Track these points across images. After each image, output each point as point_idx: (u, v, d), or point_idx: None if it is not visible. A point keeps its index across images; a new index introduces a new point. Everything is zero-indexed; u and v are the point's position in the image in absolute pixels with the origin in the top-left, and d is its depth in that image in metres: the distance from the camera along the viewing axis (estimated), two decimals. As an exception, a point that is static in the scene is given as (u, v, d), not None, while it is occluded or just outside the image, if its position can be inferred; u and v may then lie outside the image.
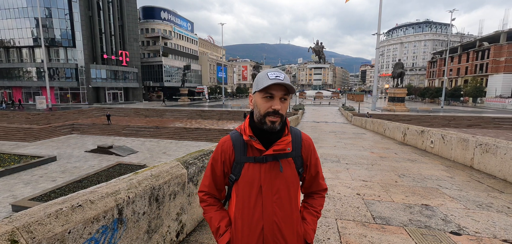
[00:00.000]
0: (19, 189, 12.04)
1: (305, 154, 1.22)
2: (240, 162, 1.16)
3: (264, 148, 1.13)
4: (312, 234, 1.23)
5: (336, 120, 23.94)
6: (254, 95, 1.14)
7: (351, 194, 3.87)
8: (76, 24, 45.47)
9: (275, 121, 1.09)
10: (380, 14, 35.08)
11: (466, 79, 62.59)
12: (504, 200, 3.62)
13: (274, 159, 1.14)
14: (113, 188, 1.67)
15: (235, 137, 1.20)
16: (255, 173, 1.13)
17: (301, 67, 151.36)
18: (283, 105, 1.10)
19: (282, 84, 1.06)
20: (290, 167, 1.17)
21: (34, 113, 31.23)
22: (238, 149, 1.17)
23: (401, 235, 2.63)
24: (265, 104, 1.09)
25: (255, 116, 1.15)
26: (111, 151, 19.02)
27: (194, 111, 37.44)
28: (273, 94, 1.08)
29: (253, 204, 1.12)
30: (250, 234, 1.12)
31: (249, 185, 1.13)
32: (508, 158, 4.50)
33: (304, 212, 1.27)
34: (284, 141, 1.14)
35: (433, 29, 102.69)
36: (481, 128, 26.91)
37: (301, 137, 1.23)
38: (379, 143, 9.91)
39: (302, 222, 1.23)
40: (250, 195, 1.13)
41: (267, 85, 1.06)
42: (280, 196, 1.13)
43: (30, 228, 1.15)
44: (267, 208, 1.12)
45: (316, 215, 1.27)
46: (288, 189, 1.15)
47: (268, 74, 1.09)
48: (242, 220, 1.14)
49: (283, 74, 1.09)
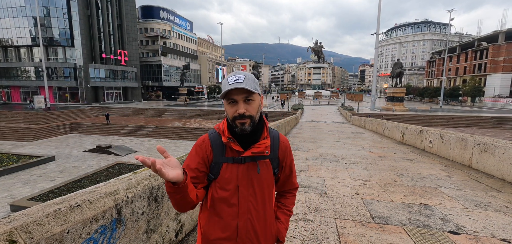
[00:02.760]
0: (18, 188, 12.00)
1: (281, 156, 1.25)
2: (218, 162, 1.16)
3: (242, 149, 1.14)
4: (284, 232, 1.28)
5: (335, 120, 23.97)
6: (223, 102, 1.15)
7: (350, 193, 3.88)
8: (75, 23, 45.32)
9: (244, 123, 1.09)
10: (379, 14, 35.12)
11: (464, 79, 62.79)
12: (502, 199, 3.64)
13: (252, 160, 1.16)
14: (112, 188, 1.67)
15: (213, 137, 1.19)
16: (233, 173, 1.15)
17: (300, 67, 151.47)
18: (250, 106, 1.10)
19: (241, 88, 1.06)
20: (267, 168, 1.20)
21: (33, 113, 31.13)
22: (216, 149, 1.17)
23: (400, 234, 2.64)
24: (231, 109, 1.11)
25: (229, 121, 1.15)
26: (110, 150, 18.97)
27: (193, 111, 37.42)
28: (235, 98, 1.09)
29: (229, 203, 1.15)
30: (225, 230, 1.15)
31: (226, 184, 1.15)
32: (506, 157, 4.52)
33: (278, 211, 1.32)
34: (263, 144, 1.15)
35: (432, 29, 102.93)
36: (479, 128, 27.00)
37: (278, 139, 1.25)
38: (378, 142, 9.93)
39: (276, 221, 1.28)
40: (227, 194, 1.15)
41: (227, 91, 1.07)
42: (255, 196, 1.16)
43: (28, 228, 1.15)
44: (243, 207, 1.15)
45: (289, 214, 1.33)
46: (264, 189, 1.18)
47: (228, 79, 1.09)
48: (218, 217, 1.16)
49: (243, 76, 1.09)
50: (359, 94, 67.65)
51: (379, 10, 34.92)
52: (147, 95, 64.81)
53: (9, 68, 47.19)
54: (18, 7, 44.35)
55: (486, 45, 57.16)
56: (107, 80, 50.06)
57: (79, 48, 45.94)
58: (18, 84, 47.75)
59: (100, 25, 48.63)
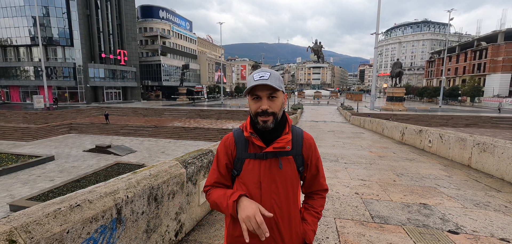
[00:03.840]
0: (17, 188, 11.98)
1: (305, 153, 1.23)
2: (241, 157, 1.19)
3: (264, 145, 1.15)
4: (312, 235, 1.22)
5: (335, 120, 23.98)
6: (247, 98, 1.17)
7: (349, 193, 3.88)
8: (74, 23, 45.25)
9: (266, 120, 1.11)
10: (379, 14, 35.15)
11: (464, 79, 62.90)
12: (502, 199, 3.65)
13: (274, 156, 1.16)
14: (112, 188, 1.67)
15: (237, 134, 1.24)
16: (255, 169, 1.16)
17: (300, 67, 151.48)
18: (273, 103, 1.11)
19: (265, 84, 1.08)
20: (290, 165, 1.18)
21: (32, 112, 31.08)
22: (240, 145, 1.20)
23: (400, 234, 2.64)
24: (254, 105, 1.12)
25: (252, 117, 1.18)
26: (110, 150, 18.96)
27: (193, 110, 37.40)
28: (259, 95, 1.11)
29: (252, 199, 1.15)
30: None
31: (249, 180, 1.16)
32: (505, 157, 4.53)
33: (304, 212, 1.27)
34: (284, 139, 1.15)
35: (431, 28, 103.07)
36: (478, 127, 27.05)
37: (302, 136, 1.24)
38: (378, 142, 9.94)
39: (302, 222, 1.24)
40: (250, 190, 1.15)
41: (252, 87, 1.09)
42: (278, 193, 1.15)
43: (28, 228, 1.14)
44: (266, 204, 1.14)
45: (316, 216, 1.26)
46: (287, 186, 1.17)
47: (254, 75, 1.11)
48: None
49: (268, 73, 1.11)
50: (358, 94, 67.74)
51: (378, 10, 34.95)
52: (147, 95, 64.77)
53: (8, 68, 47.10)
54: (18, 7, 44.26)
55: (485, 45, 57.25)
56: (106, 80, 50.00)
57: (79, 48, 45.87)
58: (17, 84, 47.67)
59: (100, 24, 48.55)
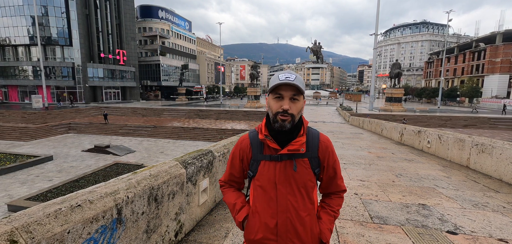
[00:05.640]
0: (15, 188, 11.94)
1: (322, 155, 1.23)
2: (256, 159, 1.22)
3: (279, 147, 1.17)
4: (328, 234, 1.22)
5: (334, 120, 24.02)
6: (268, 96, 1.19)
7: (349, 193, 3.89)
8: (73, 22, 45.15)
9: (285, 119, 1.12)
10: (378, 15, 35.23)
11: (462, 80, 63.09)
12: (500, 199, 3.67)
13: (289, 158, 1.17)
14: (112, 188, 1.67)
15: (253, 136, 1.26)
16: (271, 170, 1.18)
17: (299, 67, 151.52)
18: (294, 105, 1.13)
19: (290, 84, 1.10)
20: (305, 167, 1.19)
21: (30, 112, 30.97)
22: (255, 147, 1.23)
23: (399, 234, 2.65)
24: (275, 104, 1.13)
25: (270, 116, 1.19)
26: (108, 150, 18.92)
27: (192, 110, 37.36)
28: (282, 94, 1.12)
29: (268, 200, 1.17)
30: (265, 229, 1.17)
31: (264, 182, 1.18)
32: (504, 158, 4.55)
33: (320, 211, 1.28)
34: (298, 142, 1.16)
35: (430, 29, 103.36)
36: (477, 128, 27.15)
37: (318, 138, 1.24)
38: (377, 142, 9.96)
39: (318, 221, 1.24)
40: (266, 191, 1.18)
41: (276, 85, 1.11)
42: (294, 194, 1.16)
43: (29, 228, 1.15)
44: (282, 205, 1.16)
45: (333, 215, 1.27)
46: (303, 188, 1.18)
47: (279, 75, 1.13)
48: (258, 215, 1.19)
49: (294, 75, 1.12)
50: (357, 94, 67.87)
51: (377, 12, 35.03)
52: (146, 95, 64.70)
53: (6, 67, 46.95)
54: (16, 6, 44.15)
55: (484, 46, 57.46)
56: (105, 80, 49.90)
57: (77, 47, 45.77)
58: (15, 84, 47.51)
59: (99, 24, 48.46)
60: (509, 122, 28.25)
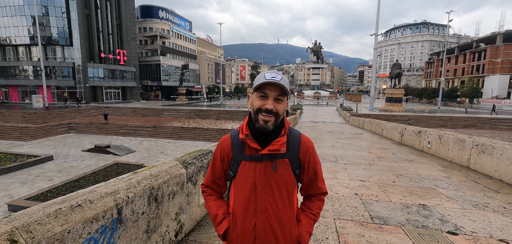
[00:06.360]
0: (15, 188, 11.95)
1: (303, 156, 1.21)
2: (237, 159, 1.20)
3: (260, 147, 1.15)
4: (307, 237, 1.21)
5: (334, 121, 24.01)
6: (252, 94, 1.17)
7: (349, 194, 3.89)
8: (74, 22, 45.16)
9: (267, 120, 1.10)
10: (378, 16, 35.22)
11: (462, 80, 63.06)
12: (500, 200, 3.66)
13: (269, 158, 1.16)
14: (112, 188, 1.67)
15: (234, 136, 1.24)
16: (251, 171, 1.16)
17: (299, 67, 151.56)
18: (278, 105, 1.12)
19: (276, 84, 1.09)
20: (286, 167, 1.18)
21: (31, 112, 30.98)
22: (236, 147, 1.21)
23: (399, 234, 2.65)
24: (259, 102, 1.13)
25: (251, 114, 1.18)
26: (109, 150, 18.92)
27: (192, 110, 37.36)
28: (267, 94, 1.11)
29: (247, 201, 1.16)
30: (244, 229, 1.16)
31: (244, 182, 1.17)
32: (504, 158, 4.54)
33: (301, 214, 1.26)
34: (279, 142, 1.15)
35: (431, 30, 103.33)
36: (477, 129, 27.13)
37: (300, 139, 1.23)
38: (377, 143, 9.96)
39: (298, 224, 1.22)
40: (245, 191, 1.16)
41: (261, 84, 1.10)
42: (273, 195, 1.16)
43: (29, 227, 1.15)
44: (260, 206, 1.15)
45: (313, 218, 1.25)
46: (282, 189, 1.17)
47: (265, 74, 1.12)
48: (238, 215, 1.18)
49: (280, 75, 1.12)
50: (358, 95, 67.87)
51: (378, 12, 35.02)
52: (146, 95, 64.70)
53: (7, 67, 46.96)
54: (17, 6, 44.15)
55: (484, 47, 57.43)
56: (105, 80, 49.90)
57: (78, 47, 45.78)
58: (16, 84, 47.51)
59: (99, 24, 48.46)
60: (509, 122, 28.22)
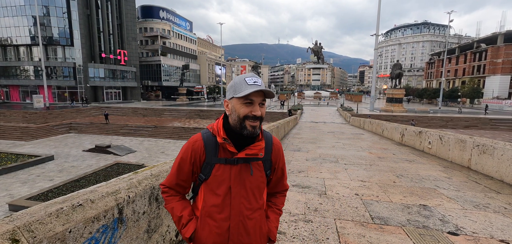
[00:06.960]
0: (16, 188, 11.97)
1: (274, 158, 1.27)
2: (210, 162, 1.16)
3: (236, 151, 1.15)
4: (275, 231, 1.29)
5: (335, 121, 24.00)
6: (231, 100, 1.13)
7: (349, 194, 3.89)
8: (74, 22, 45.27)
9: (255, 126, 1.11)
10: (379, 16, 35.19)
11: (463, 81, 62.96)
12: (501, 200, 3.65)
13: (245, 161, 1.16)
14: (114, 188, 1.68)
15: (207, 137, 1.19)
16: (225, 174, 1.15)
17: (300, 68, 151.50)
18: (262, 109, 1.13)
19: (261, 91, 1.09)
20: (259, 169, 1.21)
21: (31, 112, 31.04)
22: (210, 150, 1.17)
23: (399, 235, 2.65)
24: (245, 109, 1.10)
25: (232, 120, 1.14)
26: (109, 150, 18.95)
27: (193, 111, 37.39)
28: (253, 100, 1.10)
29: (221, 204, 1.14)
30: (217, 232, 1.14)
31: (218, 185, 1.15)
32: (505, 159, 4.53)
33: (268, 210, 1.32)
34: (257, 146, 1.16)
35: (431, 30, 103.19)
36: (478, 129, 27.09)
37: (272, 141, 1.27)
38: (377, 143, 9.95)
39: (267, 220, 1.28)
40: (220, 195, 1.14)
41: (248, 93, 1.07)
42: (248, 198, 1.17)
43: (31, 227, 1.15)
44: (235, 208, 1.15)
45: (278, 213, 1.35)
46: (256, 190, 1.19)
47: (245, 79, 1.10)
48: (209, 218, 1.15)
49: (259, 79, 1.12)
50: (358, 95, 67.77)
51: (378, 12, 34.99)
52: (147, 95, 64.78)
53: (8, 67, 47.09)
54: (18, 6, 44.28)
55: (485, 47, 57.35)
56: (106, 80, 50.00)
57: (79, 47, 45.88)
58: (17, 84, 47.64)
59: (100, 24, 48.56)
60: (510, 123, 28.17)
